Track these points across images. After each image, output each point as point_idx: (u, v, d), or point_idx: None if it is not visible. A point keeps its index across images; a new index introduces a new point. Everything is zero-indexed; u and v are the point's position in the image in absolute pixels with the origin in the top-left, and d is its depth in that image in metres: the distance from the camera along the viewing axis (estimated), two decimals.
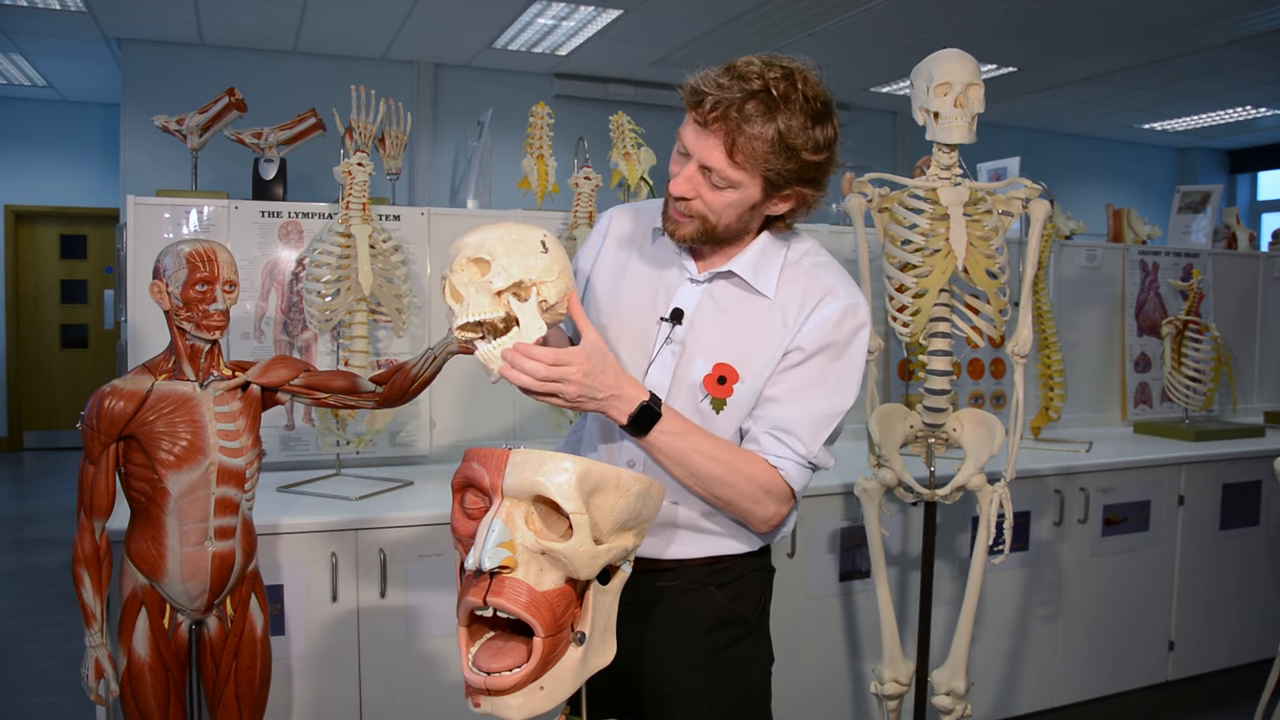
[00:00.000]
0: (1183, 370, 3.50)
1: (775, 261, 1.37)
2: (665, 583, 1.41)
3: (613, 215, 1.53)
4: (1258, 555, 3.32)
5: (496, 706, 0.94)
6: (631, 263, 1.46)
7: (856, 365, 1.36)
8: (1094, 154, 9.18)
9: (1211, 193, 4.20)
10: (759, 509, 1.33)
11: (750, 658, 1.46)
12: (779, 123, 1.21)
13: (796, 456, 1.32)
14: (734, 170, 1.23)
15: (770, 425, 1.33)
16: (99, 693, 1.65)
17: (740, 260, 1.37)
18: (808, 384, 1.33)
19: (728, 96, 1.20)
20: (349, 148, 2.63)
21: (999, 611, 2.85)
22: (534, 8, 5.49)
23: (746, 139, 1.21)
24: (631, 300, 1.42)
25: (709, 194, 1.27)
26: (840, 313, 1.33)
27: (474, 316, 1.14)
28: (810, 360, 1.33)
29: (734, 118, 1.20)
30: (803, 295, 1.35)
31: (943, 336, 2.07)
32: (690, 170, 1.26)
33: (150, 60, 6.11)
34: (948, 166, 2.05)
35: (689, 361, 1.36)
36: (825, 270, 1.38)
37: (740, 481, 1.30)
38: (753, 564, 1.45)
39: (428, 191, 6.65)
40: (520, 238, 1.17)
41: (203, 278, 1.64)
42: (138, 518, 1.67)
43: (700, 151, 1.24)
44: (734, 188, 1.26)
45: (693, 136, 1.25)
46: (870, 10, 5.32)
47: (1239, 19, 5.51)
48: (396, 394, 1.80)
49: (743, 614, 1.43)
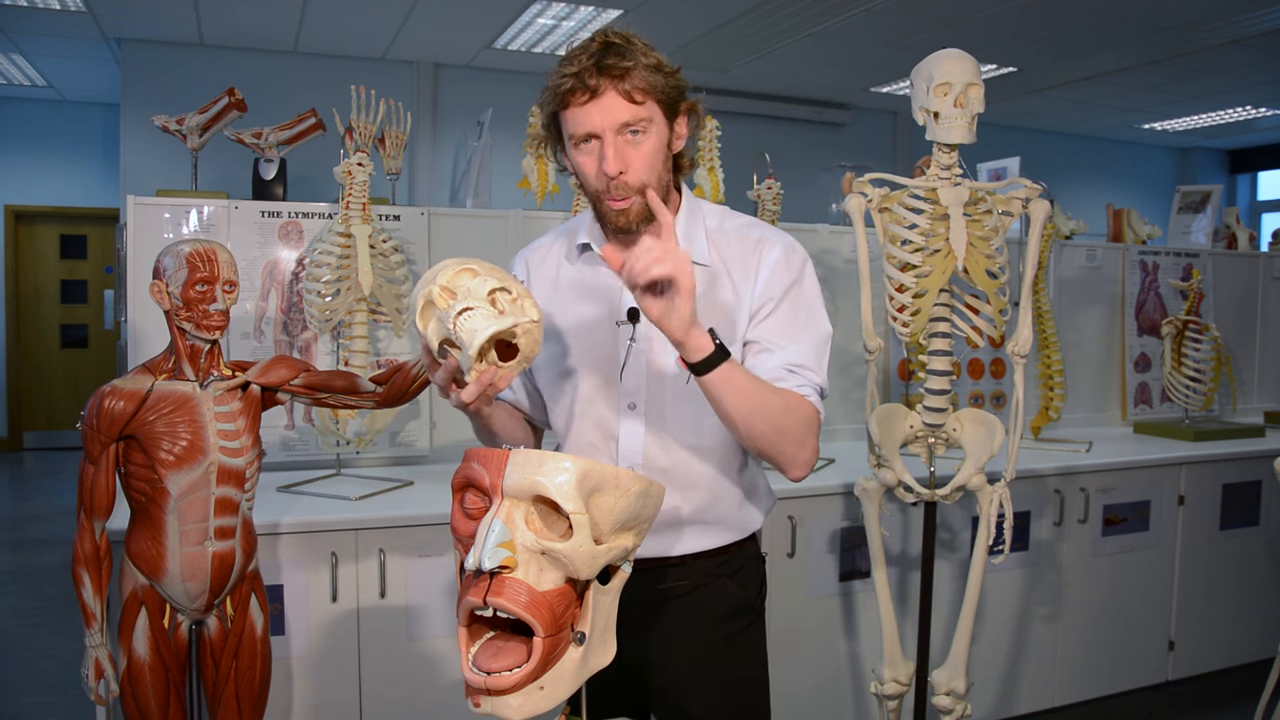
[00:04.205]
0: (1183, 370, 3.50)
1: (699, 232, 1.43)
2: (675, 581, 1.45)
3: (524, 258, 1.55)
4: (1258, 555, 3.32)
5: (496, 706, 0.94)
6: (559, 286, 1.48)
7: (818, 293, 1.44)
8: (1094, 154, 9.18)
9: (1211, 193, 4.20)
10: (807, 444, 1.35)
11: (757, 642, 1.52)
12: (638, 52, 1.31)
13: (813, 386, 1.37)
14: (640, 109, 1.30)
15: (782, 363, 1.37)
16: (99, 693, 1.66)
17: None
18: (790, 322, 1.39)
19: (590, 64, 1.28)
20: (349, 148, 2.63)
21: (999, 611, 2.85)
22: (534, 8, 5.50)
23: (630, 77, 1.29)
24: (579, 319, 1.44)
25: (634, 156, 1.31)
26: (783, 253, 1.41)
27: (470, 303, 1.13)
28: (782, 303, 1.39)
29: (611, 70, 1.28)
30: (741, 256, 1.42)
31: (943, 336, 2.07)
32: (609, 140, 1.29)
33: (150, 60, 6.11)
34: (948, 166, 2.04)
35: (660, 351, 1.39)
36: (749, 227, 1.46)
37: (795, 411, 1.32)
38: (750, 551, 1.52)
39: (428, 191, 6.65)
40: (494, 265, 1.20)
41: (203, 278, 1.64)
42: (138, 518, 1.67)
43: (607, 117, 1.29)
44: (647, 129, 1.31)
45: (592, 114, 1.29)
46: (870, 10, 5.32)
47: (1239, 19, 5.51)
48: (396, 394, 1.80)
49: (750, 600, 1.50)
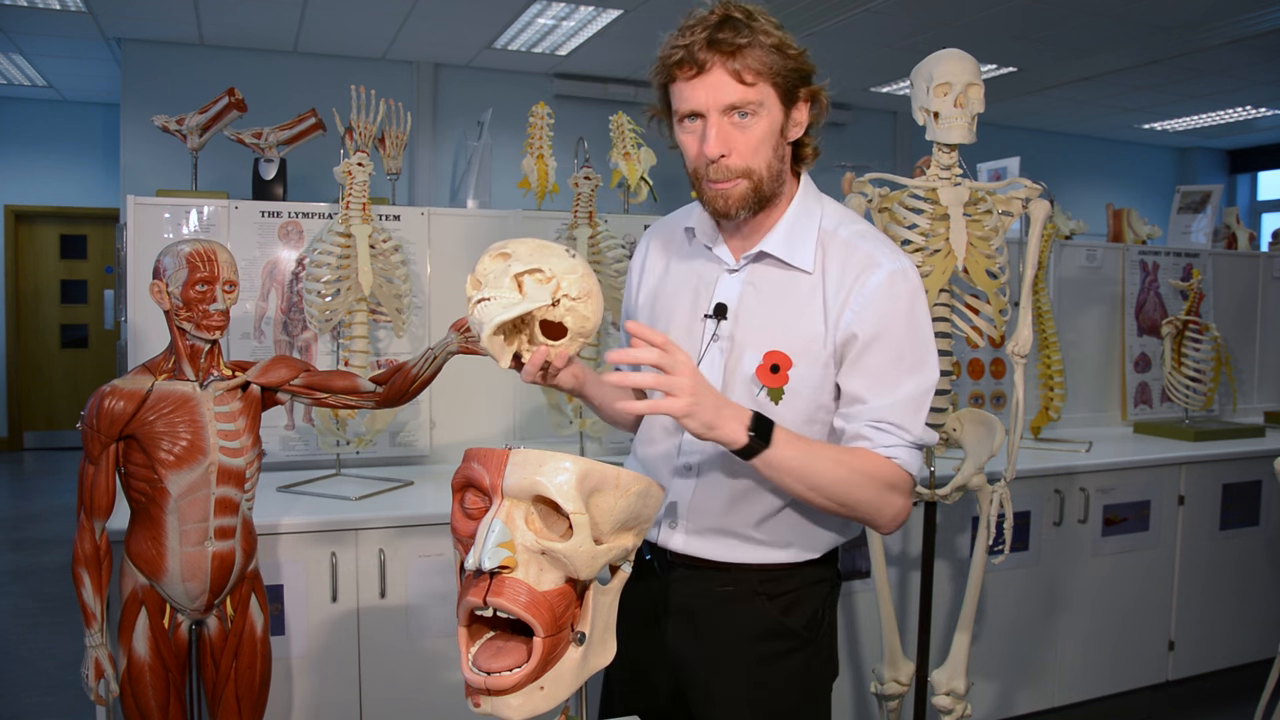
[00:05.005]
0: (1183, 370, 3.50)
1: (809, 233, 1.32)
2: (721, 586, 1.38)
3: (648, 236, 1.53)
4: (1258, 555, 3.32)
5: (496, 706, 0.94)
6: (670, 269, 1.45)
7: (925, 333, 1.29)
8: (1094, 154, 9.18)
9: (1211, 193, 4.20)
10: (886, 508, 1.27)
11: (801, 672, 1.40)
12: (757, 30, 1.22)
13: (905, 443, 1.27)
14: (750, 90, 1.22)
15: (868, 420, 1.27)
16: (99, 693, 1.65)
17: (772, 238, 1.33)
18: (885, 368, 1.27)
19: (704, 37, 1.21)
20: (349, 148, 2.63)
21: (999, 611, 2.85)
22: (534, 8, 5.50)
23: (743, 55, 1.21)
24: (672, 305, 1.41)
25: (740, 139, 1.24)
26: (886, 282, 1.27)
27: (486, 293, 1.13)
28: (876, 344, 1.27)
29: (723, 45, 1.21)
30: (842, 267, 1.29)
31: (943, 336, 2.07)
32: (714, 121, 1.23)
33: (150, 60, 6.11)
34: (948, 166, 2.05)
35: (738, 356, 1.32)
36: (863, 239, 1.32)
37: (865, 481, 1.24)
38: (812, 575, 1.41)
39: (428, 191, 6.65)
40: (546, 244, 1.18)
41: (203, 278, 1.64)
42: (138, 518, 1.67)
43: (713, 96, 1.22)
44: (757, 112, 1.24)
45: (698, 90, 1.23)
46: (870, 10, 5.32)
47: (1239, 19, 5.51)
48: (396, 394, 1.80)
49: (793, 626, 1.39)
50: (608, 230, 2.75)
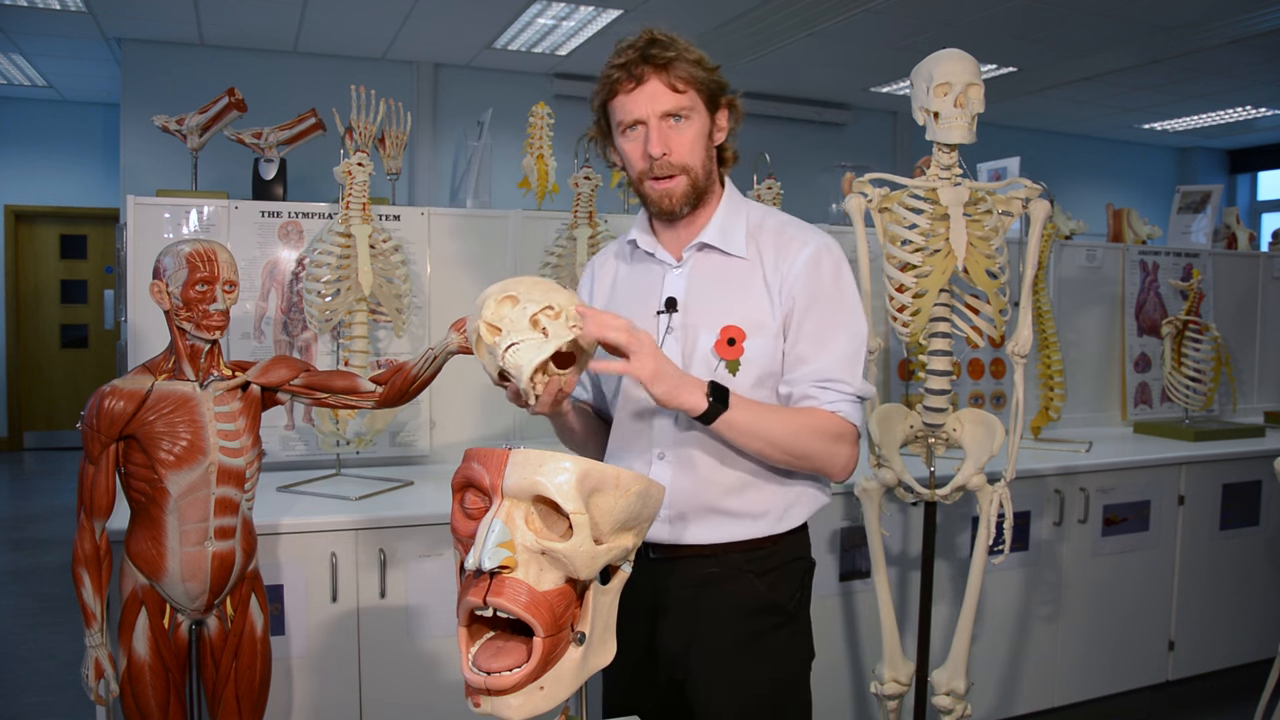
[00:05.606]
0: (1183, 370, 3.50)
1: (739, 226, 1.49)
2: (706, 570, 1.47)
3: (590, 264, 1.68)
4: (1258, 555, 3.32)
5: (496, 706, 0.94)
6: (618, 283, 1.59)
7: (852, 295, 1.47)
8: (1094, 154, 9.19)
9: (1211, 193, 4.20)
10: (836, 457, 1.43)
11: (787, 646, 1.51)
12: (680, 48, 1.42)
13: (846, 397, 1.43)
14: (683, 97, 1.41)
15: (811, 380, 1.43)
16: (99, 693, 1.66)
17: (710, 231, 1.49)
18: (820, 331, 1.44)
19: (638, 55, 1.39)
20: (349, 148, 2.63)
21: (999, 611, 2.85)
22: (534, 8, 5.50)
23: (673, 67, 1.40)
24: (627, 312, 1.48)
25: (677, 140, 1.42)
26: (814, 255, 1.45)
27: (514, 338, 1.18)
28: (811, 309, 1.44)
29: (655, 59, 1.39)
30: (776, 253, 1.47)
31: (943, 336, 2.07)
32: (654, 125, 1.41)
33: (150, 60, 6.12)
34: (948, 166, 2.04)
35: (693, 340, 1.45)
36: (787, 225, 1.51)
37: (814, 434, 1.40)
38: (791, 553, 1.52)
39: (428, 191, 6.66)
40: (539, 279, 1.26)
41: (203, 278, 1.64)
42: (138, 518, 1.67)
43: (652, 104, 1.40)
44: (689, 116, 1.42)
45: (639, 101, 1.41)
46: (870, 10, 5.32)
47: (1239, 19, 5.51)
48: (396, 394, 1.80)
49: (780, 601, 1.49)
50: (608, 230, 2.76)
